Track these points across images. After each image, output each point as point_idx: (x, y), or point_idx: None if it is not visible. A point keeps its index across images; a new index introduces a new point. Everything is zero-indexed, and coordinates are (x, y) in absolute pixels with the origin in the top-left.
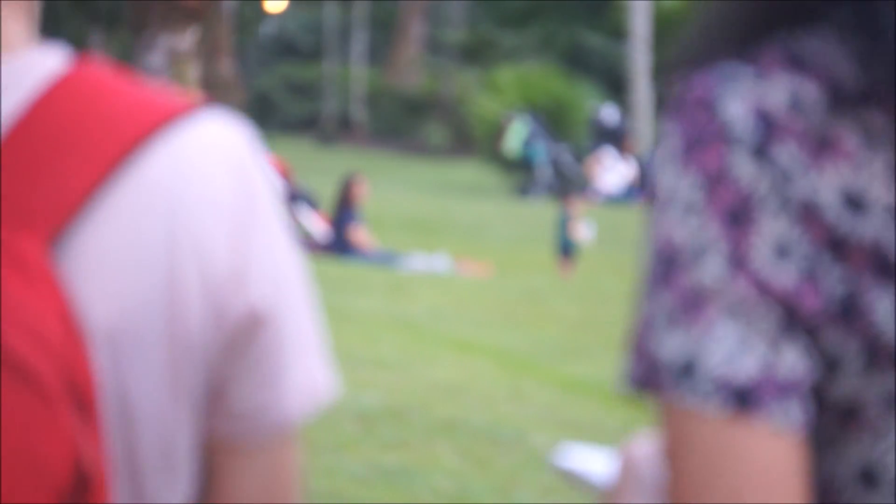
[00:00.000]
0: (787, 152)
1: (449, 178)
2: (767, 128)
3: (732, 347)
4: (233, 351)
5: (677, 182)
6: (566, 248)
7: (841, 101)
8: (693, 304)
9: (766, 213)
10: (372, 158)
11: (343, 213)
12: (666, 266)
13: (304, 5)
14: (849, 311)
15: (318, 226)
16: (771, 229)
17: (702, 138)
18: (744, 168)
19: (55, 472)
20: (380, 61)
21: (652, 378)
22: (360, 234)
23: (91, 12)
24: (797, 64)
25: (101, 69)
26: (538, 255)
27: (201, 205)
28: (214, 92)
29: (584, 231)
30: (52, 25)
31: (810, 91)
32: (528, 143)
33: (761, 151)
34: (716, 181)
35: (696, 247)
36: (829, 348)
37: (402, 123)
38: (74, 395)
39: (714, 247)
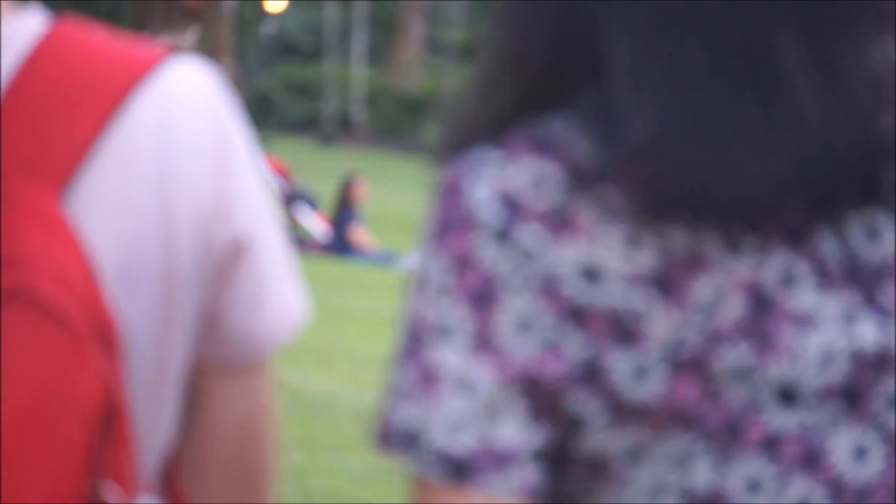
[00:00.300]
0: (529, 232)
1: None
2: (511, 210)
3: (455, 421)
4: (220, 279)
5: (430, 264)
6: None
7: (580, 179)
8: (429, 379)
9: (509, 293)
10: (372, 158)
11: (343, 213)
12: (414, 340)
13: (305, 5)
14: (591, 374)
15: (317, 226)
16: (513, 307)
17: (451, 223)
18: (487, 251)
19: (88, 407)
20: (380, 61)
21: (387, 441)
22: (360, 234)
23: (91, 12)
24: (542, 147)
25: (77, 27)
26: None
27: (186, 145)
28: None
29: None
30: None
31: (553, 172)
32: None
33: (504, 234)
34: (463, 264)
35: (443, 326)
36: (574, 409)
37: (402, 123)
38: (99, 333)
39: (460, 327)
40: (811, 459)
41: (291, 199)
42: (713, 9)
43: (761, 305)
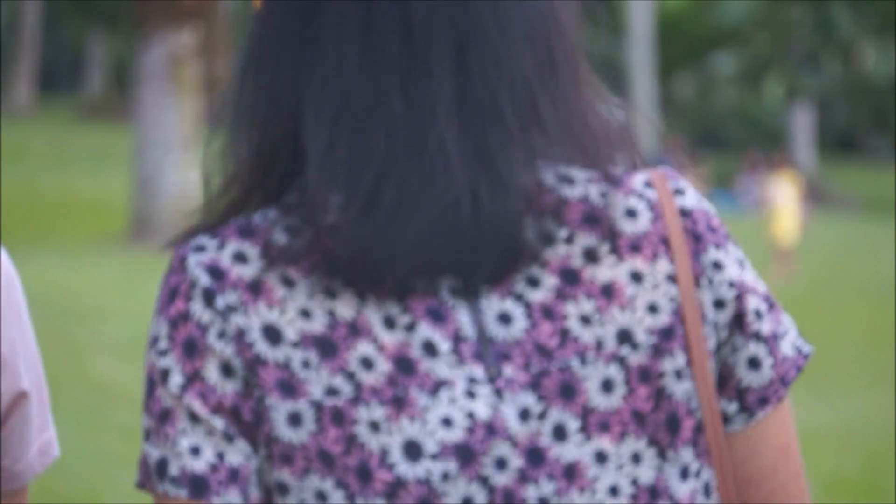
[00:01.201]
0: (229, 297)
1: None
2: (217, 280)
3: (190, 447)
4: (7, 423)
5: (159, 325)
6: None
7: (274, 259)
8: (166, 417)
9: (213, 343)
10: None
11: None
12: (150, 386)
13: None
14: (259, 416)
15: None
16: (217, 356)
17: (176, 290)
18: (198, 311)
19: None
20: None
21: (147, 480)
22: None
23: (91, 12)
24: (245, 233)
25: None
26: None
27: None
28: (214, 92)
29: None
30: (53, 25)
31: (252, 253)
32: None
33: (210, 298)
34: (181, 321)
35: (166, 372)
36: (255, 446)
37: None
38: None
39: (176, 371)
40: None
41: None
42: (390, 104)
43: (404, 372)
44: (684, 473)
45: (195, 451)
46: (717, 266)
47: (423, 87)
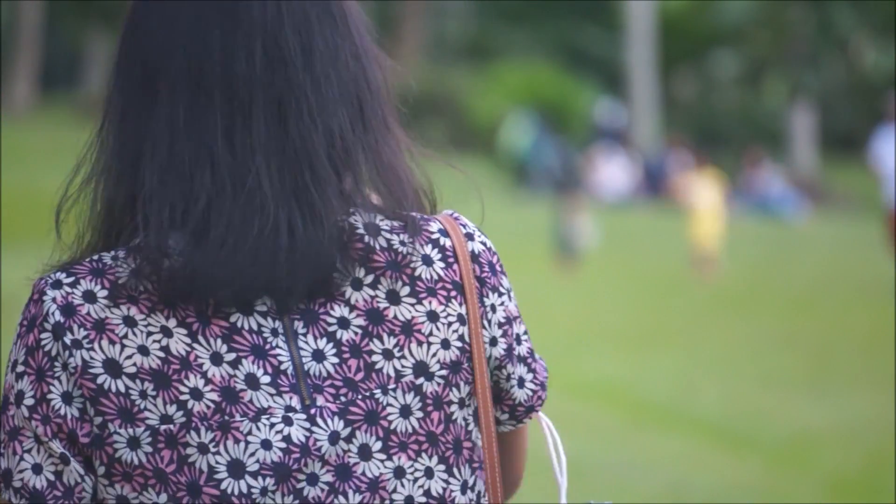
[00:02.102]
0: (78, 333)
1: (447, 176)
2: (68, 317)
3: (33, 466)
4: None
5: (18, 350)
6: (565, 247)
7: (118, 298)
8: (15, 434)
9: (60, 374)
10: None
11: None
12: (6, 405)
13: None
14: (100, 439)
15: None
16: (61, 384)
17: (33, 321)
18: (49, 343)
19: None
20: None
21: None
22: None
23: (91, 12)
24: (97, 273)
25: None
26: (538, 253)
27: None
28: None
29: (587, 234)
30: (52, 25)
31: (101, 292)
32: (536, 142)
33: (60, 331)
34: (35, 350)
35: (21, 394)
36: (92, 466)
37: (400, 120)
38: None
39: (29, 395)
40: None
41: None
42: (214, 149)
43: (230, 402)
44: (464, 486)
45: (36, 468)
46: (494, 308)
47: (245, 136)
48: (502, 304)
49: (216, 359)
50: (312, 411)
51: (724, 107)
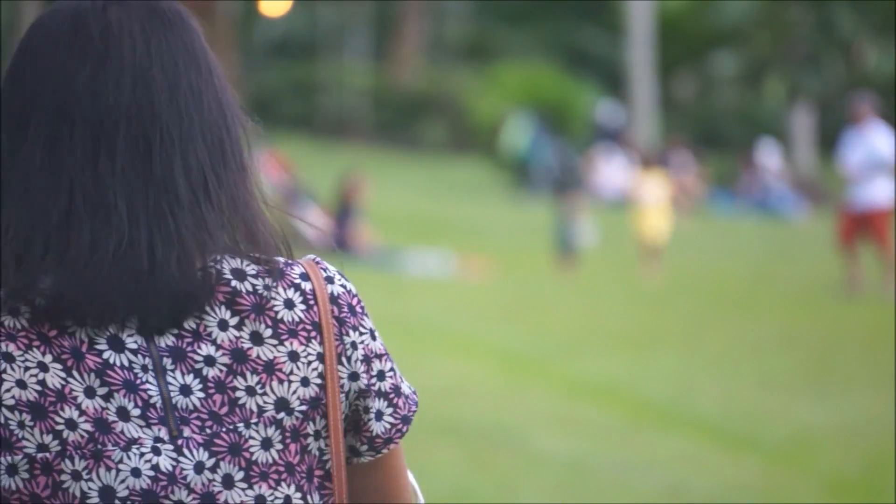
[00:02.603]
0: None
1: (448, 176)
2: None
3: None
4: None
5: None
6: (565, 247)
7: (42, 321)
8: None
9: None
10: (371, 156)
11: (343, 211)
12: None
13: (305, 3)
14: None
15: (319, 222)
16: None
17: None
18: None
19: None
20: (380, 59)
21: None
22: (361, 232)
23: None
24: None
25: None
26: (538, 253)
27: None
28: None
29: (587, 234)
30: None
31: (25, 312)
32: (534, 142)
33: None
34: None
35: None
36: None
37: (401, 121)
38: None
39: None
40: None
41: (293, 195)
42: (76, 178)
43: (102, 432)
44: None
45: None
46: (354, 346)
47: (108, 164)
48: (363, 342)
49: (90, 392)
50: (179, 442)
51: (723, 107)
